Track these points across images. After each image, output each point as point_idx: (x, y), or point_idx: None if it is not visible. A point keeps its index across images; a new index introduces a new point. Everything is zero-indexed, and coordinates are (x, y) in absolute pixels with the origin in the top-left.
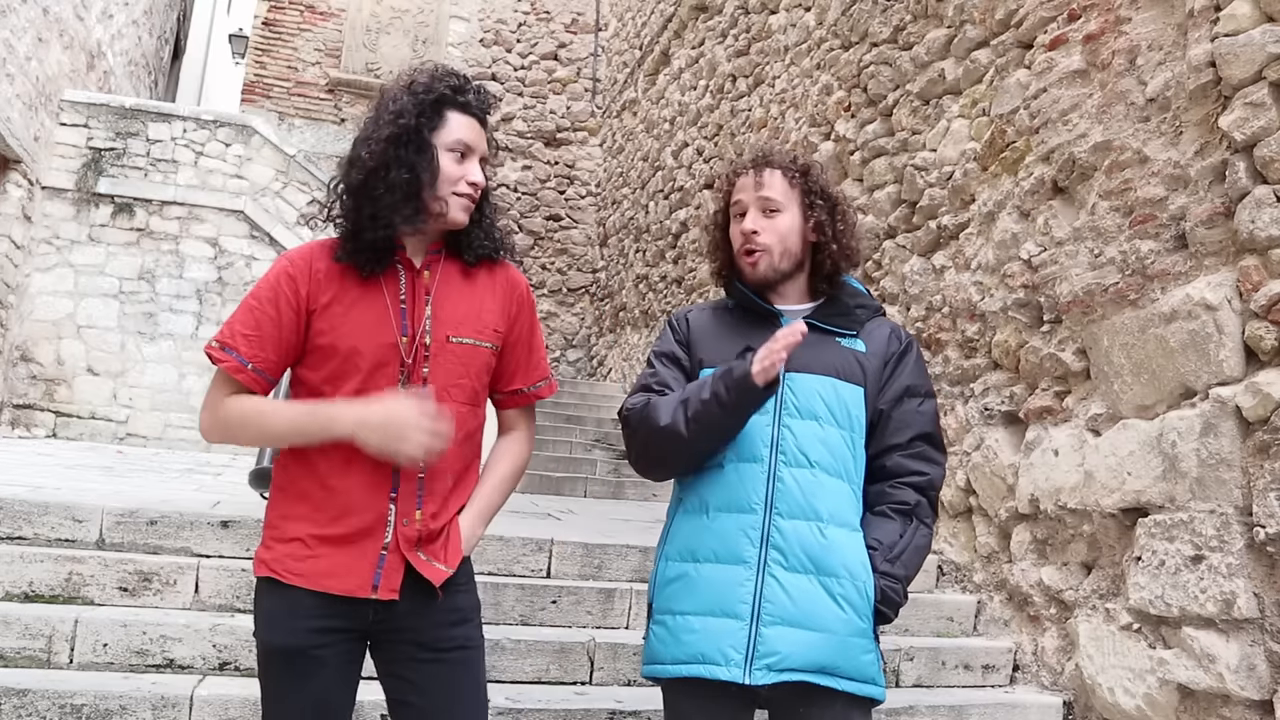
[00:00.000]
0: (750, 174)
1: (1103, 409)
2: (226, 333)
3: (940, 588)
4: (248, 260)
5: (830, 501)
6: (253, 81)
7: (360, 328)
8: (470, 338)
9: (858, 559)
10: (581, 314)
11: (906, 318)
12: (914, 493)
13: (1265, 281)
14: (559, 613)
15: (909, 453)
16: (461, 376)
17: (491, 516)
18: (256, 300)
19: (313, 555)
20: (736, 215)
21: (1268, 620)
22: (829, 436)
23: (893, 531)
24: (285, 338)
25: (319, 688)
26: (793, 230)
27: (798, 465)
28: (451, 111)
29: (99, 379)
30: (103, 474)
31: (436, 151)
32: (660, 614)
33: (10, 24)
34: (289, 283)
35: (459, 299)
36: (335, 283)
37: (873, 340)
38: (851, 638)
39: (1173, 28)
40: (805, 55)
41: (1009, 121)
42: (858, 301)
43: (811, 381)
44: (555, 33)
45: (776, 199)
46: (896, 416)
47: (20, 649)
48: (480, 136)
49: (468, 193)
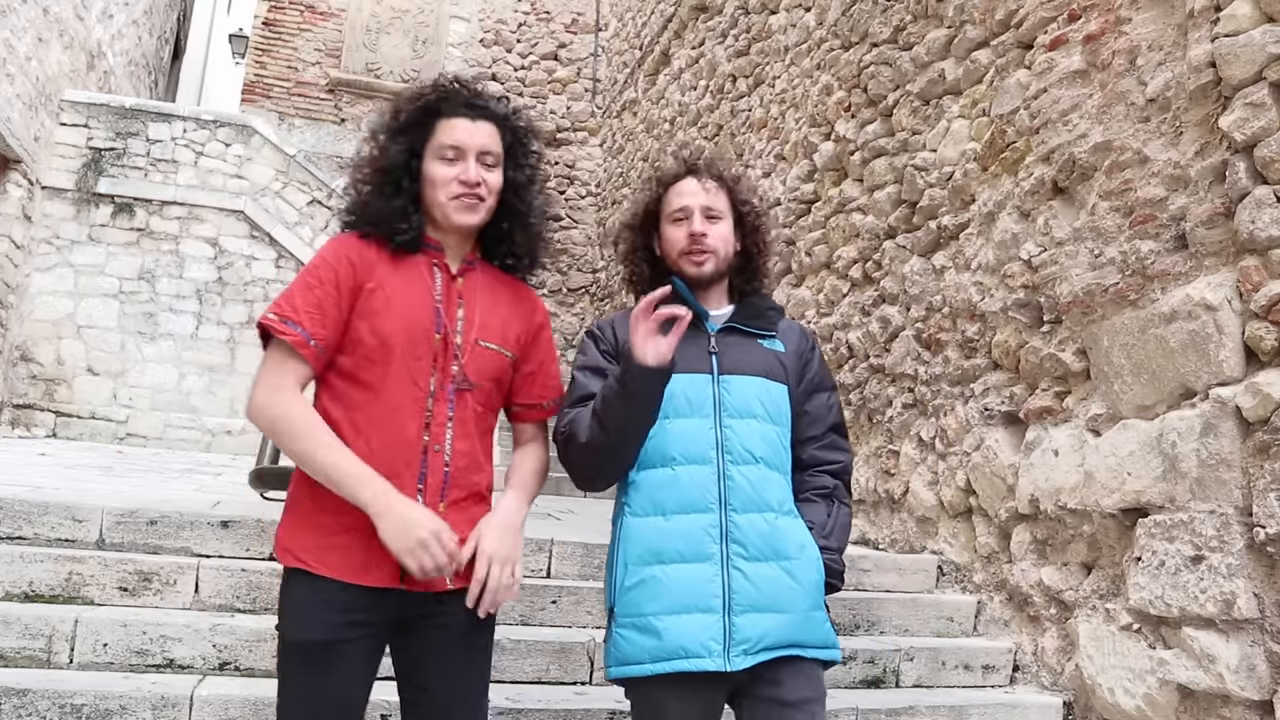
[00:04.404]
0: (692, 180)
1: (1103, 409)
2: (287, 307)
3: (940, 588)
4: (248, 260)
5: (776, 492)
6: (253, 81)
7: (401, 316)
8: (496, 344)
9: (807, 539)
10: (581, 314)
11: (907, 318)
12: (830, 478)
13: (1265, 282)
14: (559, 613)
15: (822, 444)
16: (485, 379)
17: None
18: (316, 279)
19: (341, 546)
20: (677, 219)
21: (1268, 620)
22: (767, 433)
23: (821, 512)
24: (342, 318)
25: (341, 682)
26: (729, 238)
27: (744, 462)
28: (439, 120)
29: (99, 379)
30: (103, 474)
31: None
32: (626, 617)
33: (10, 24)
34: (346, 265)
35: (488, 307)
36: (380, 269)
37: (788, 340)
38: (811, 612)
39: (1173, 28)
40: (805, 55)
41: (1009, 122)
42: (767, 304)
43: (745, 383)
44: (555, 33)
45: (718, 207)
46: (811, 411)
47: (20, 649)
48: (475, 135)
49: (461, 192)
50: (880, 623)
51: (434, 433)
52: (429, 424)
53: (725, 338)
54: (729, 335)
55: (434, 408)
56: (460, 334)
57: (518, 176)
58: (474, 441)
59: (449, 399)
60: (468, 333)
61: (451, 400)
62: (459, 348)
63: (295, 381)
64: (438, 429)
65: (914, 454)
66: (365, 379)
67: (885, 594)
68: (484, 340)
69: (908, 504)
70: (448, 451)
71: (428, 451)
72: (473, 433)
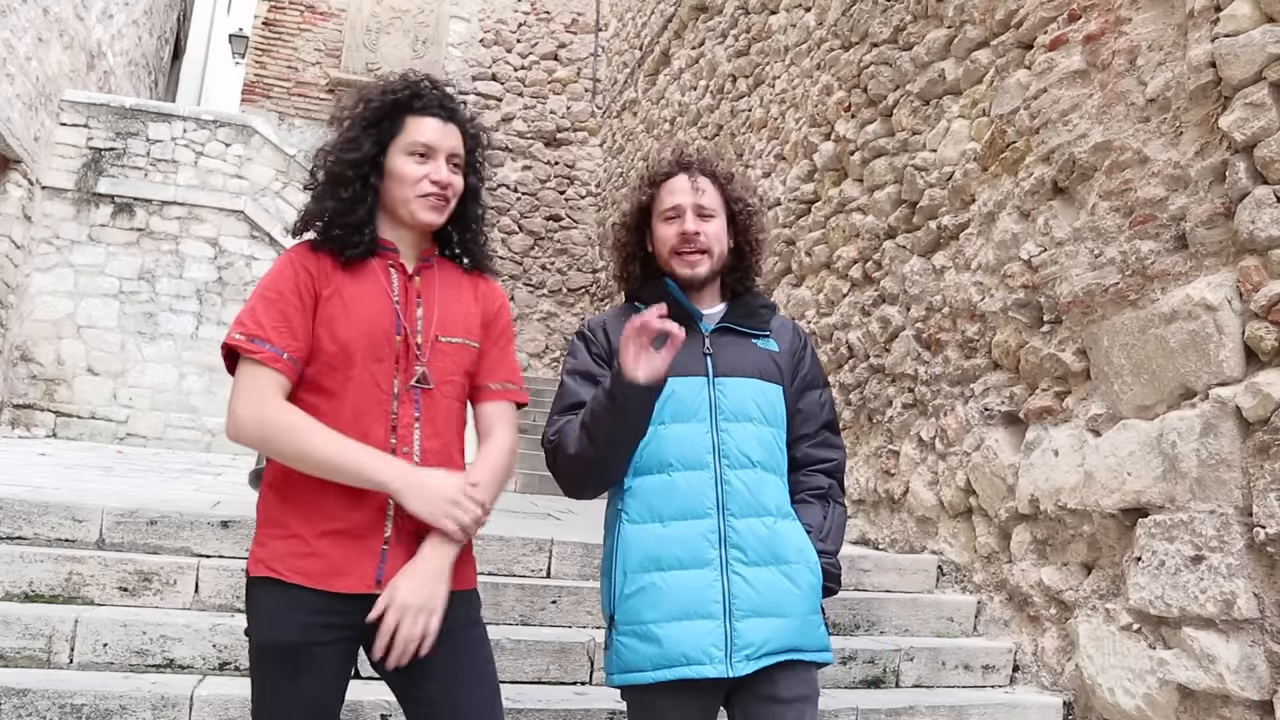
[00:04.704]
0: (683, 177)
1: (1103, 409)
2: (252, 325)
3: (940, 588)
4: (248, 260)
5: (774, 496)
6: (253, 81)
7: (360, 321)
8: (460, 337)
9: (805, 542)
10: (581, 314)
11: (907, 318)
12: (825, 477)
13: (1265, 282)
14: (559, 613)
15: (815, 442)
16: (452, 373)
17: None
18: (276, 293)
19: (313, 553)
20: (669, 217)
21: (1268, 620)
22: (763, 435)
23: (817, 514)
24: (308, 326)
25: (313, 685)
26: (722, 236)
27: (741, 467)
28: (409, 116)
29: (99, 379)
30: (103, 474)
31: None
32: (627, 625)
33: (10, 24)
34: (304, 274)
35: (448, 301)
36: (335, 277)
37: (781, 339)
38: (810, 615)
39: (1173, 28)
40: (805, 55)
41: (1009, 122)
42: (760, 302)
43: (741, 385)
44: (555, 33)
45: (711, 205)
46: (804, 409)
47: (20, 649)
48: (446, 137)
49: (432, 191)
50: (880, 623)
51: (400, 435)
52: (395, 427)
53: (719, 338)
54: (723, 335)
55: (399, 410)
56: (420, 333)
57: (474, 182)
58: (444, 439)
59: (414, 399)
60: (428, 331)
61: (417, 400)
62: (419, 347)
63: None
64: (404, 431)
65: (914, 454)
66: (328, 386)
67: (885, 594)
68: (445, 335)
69: (908, 504)
70: (416, 453)
71: (396, 454)
72: (442, 431)
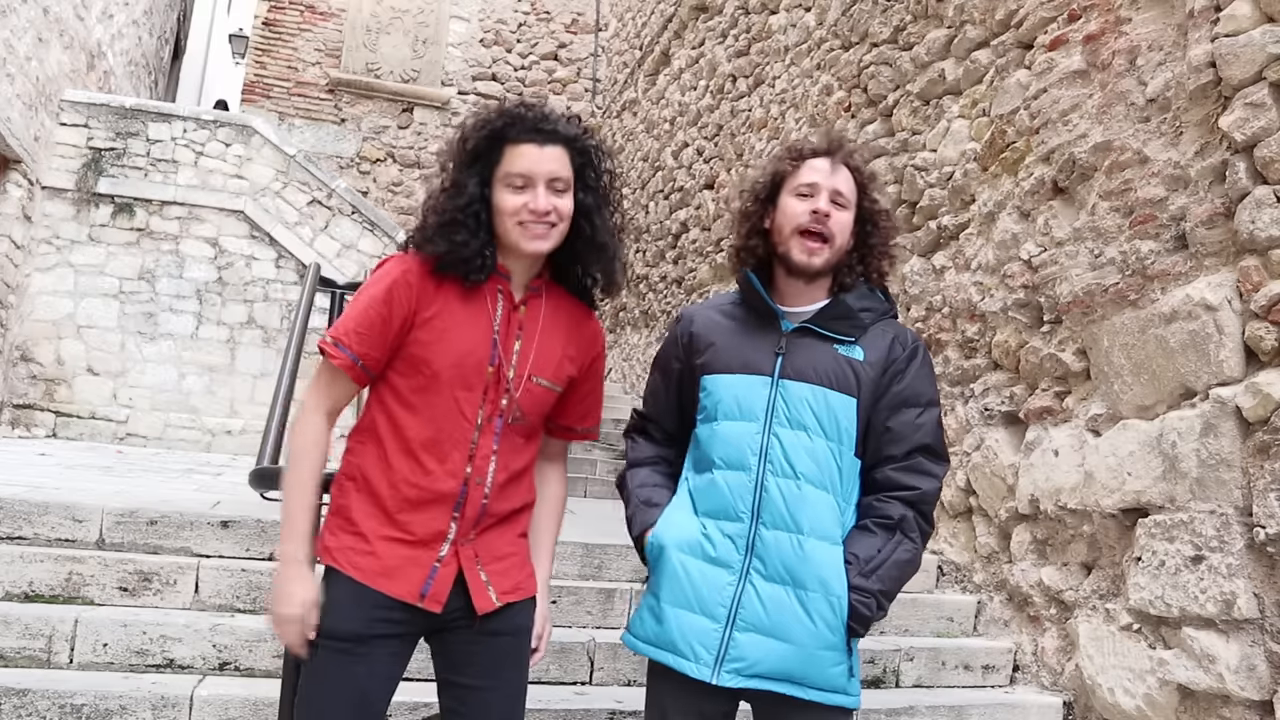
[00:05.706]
0: (827, 160)
1: (1103, 409)
2: (341, 329)
3: (940, 588)
4: (248, 260)
5: (812, 513)
6: (253, 81)
7: (456, 347)
8: (548, 380)
9: (834, 572)
10: None
11: (907, 318)
12: (901, 506)
13: (1265, 282)
14: (559, 613)
15: (902, 465)
16: (532, 413)
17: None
18: (371, 299)
19: (371, 552)
20: (802, 193)
21: (1268, 620)
22: (816, 448)
23: (871, 546)
24: (390, 339)
25: (364, 678)
26: (848, 229)
27: (783, 475)
28: (507, 145)
29: (99, 379)
30: (102, 474)
31: (487, 189)
32: (650, 594)
33: (10, 24)
34: (405, 288)
35: (545, 340)
36: (441, 298)
37: (873, 348)
38: (820, 650)
39: (1173, 28)
40: (805, 55)
41: (1009, 122)
42: (864, 305)
43: (803, 390)
44: (555, 33)
45: (846, 195)
46: (894, 428)
47: (20, 649)
48: (542, 161)
49: (529, 219)
50: (880, 622)
51: (477, 465)
52: (473, 456)
53: (797, 339)
54: (803, 337)
55: (479, 440)
56: (514, 367)
57: (587, 200)
58: (513, 474)
59: (495, 432)
60: (521, 366)
61: (498, 433)
62: (511, 381)
63: (331, 404)
64: (481, 462)
65: None
66: (414, 403)
67: None
68: (537, 376)
69: None
70: (488, 485)
71: (469, 484)
72: (512, 464)
